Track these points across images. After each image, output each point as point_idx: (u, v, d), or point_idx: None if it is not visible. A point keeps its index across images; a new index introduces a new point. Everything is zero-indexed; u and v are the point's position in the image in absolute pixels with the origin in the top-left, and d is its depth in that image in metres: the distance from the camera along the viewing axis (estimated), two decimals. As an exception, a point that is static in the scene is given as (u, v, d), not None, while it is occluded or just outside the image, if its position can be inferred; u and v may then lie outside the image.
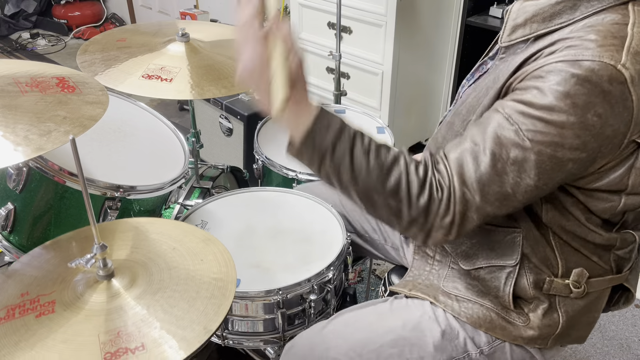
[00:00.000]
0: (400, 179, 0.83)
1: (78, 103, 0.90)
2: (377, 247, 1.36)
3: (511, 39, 0.89)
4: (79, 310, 0.85)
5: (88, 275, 0.90)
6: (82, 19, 4.59)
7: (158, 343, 0.80)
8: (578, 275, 0.95)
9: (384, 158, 0.84)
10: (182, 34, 1.45)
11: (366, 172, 0.83)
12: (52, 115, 0.86)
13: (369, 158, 0.84)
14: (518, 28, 0.87)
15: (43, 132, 0.82)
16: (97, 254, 0.87)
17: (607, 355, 1.81)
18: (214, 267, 0.95)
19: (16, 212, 1.22)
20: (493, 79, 0.90)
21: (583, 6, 0.82)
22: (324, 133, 0.83)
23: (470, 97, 0.94)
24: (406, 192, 0.83)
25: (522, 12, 0.87)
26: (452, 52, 2.61)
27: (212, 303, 0.87)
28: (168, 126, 1.52)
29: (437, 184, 0.83)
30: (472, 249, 1.00)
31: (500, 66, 0.91)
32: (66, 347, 0.79)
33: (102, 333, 0.81)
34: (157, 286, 0.90)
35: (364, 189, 0.85)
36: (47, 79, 0.98)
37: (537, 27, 0.85)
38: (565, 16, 0.83)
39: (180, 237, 1.02)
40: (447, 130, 0.98)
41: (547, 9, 0.84)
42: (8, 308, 0.86)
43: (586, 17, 0.81)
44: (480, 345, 1.02)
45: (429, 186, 0.83)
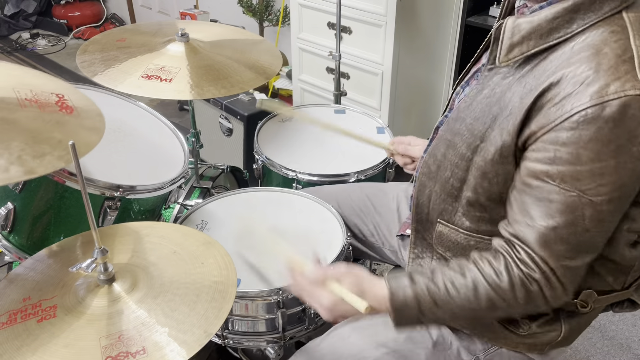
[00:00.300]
0: (489, 297, 0.87)
1: (75, 127, 0.90)
2: (375, 250, 1.36)
3: (508, 58, 0.88)
4: (81, 314, 0.85)
5: (89, 280, 0.90)
6: (82, 19, 4.60)
7: (159, 347, 0.80)
8: (587, 296, 0.96)
9: (465, 289, 0.88)
10: (181, 34, 1.45)
11: (459, 309, 0.89)
12: (48, 136, 0.85)
13: (453, 299, 0.88)
14: (515, 46, 0.87)
15: (37, 154, 0.81)
16: (97, 258, 0.87)
17: (607, 355, 1.81)
18: (215, 270, 0.95)
19: (16, 211, 1.22)
20: (497, 101, 0.89)
21: (579, 19, 0.82)
22: (407, 310, 0.89)
23: (469, 117, 0.93)
24: (502, 302, 0.87)
25: (517, 30, 0.86)
26: (452, 52, 2.61)
27: (212, 306, 0.87)
28: (168, 126, 1.52)
29: (527, 279, 0.86)
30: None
31: (501, 86, 0.90)
32: (68, 351, 0.80)
33: (104, 337, 0.81)
34: (158, 290, 0.90)
35: (469, 317, 0.93)
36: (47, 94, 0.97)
37: (535, 44, 0.85)
38: (562, 30, 0.83)
39: (180, 241, 1.02)
40: (446, 148, 0.97)
41: (544, 25, 0.84)
42: (10, 313, 0.86)
43: (584, 30, 0.82)
44: (475, 352, 1.02)
45: (520, 285, 0.86)
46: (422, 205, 1.05)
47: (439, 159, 0.99)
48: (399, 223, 1.31)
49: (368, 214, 1.34)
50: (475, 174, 0.93)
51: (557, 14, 0.83)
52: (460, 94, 1.05)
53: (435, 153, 1.00)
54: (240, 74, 1.41)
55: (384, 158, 1.60)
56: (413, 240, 1.10)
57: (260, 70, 1.45)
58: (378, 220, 1.33)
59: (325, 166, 1.57)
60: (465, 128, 0.94)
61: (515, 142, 0.86)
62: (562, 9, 0.82)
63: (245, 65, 1.45)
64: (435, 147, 1.00)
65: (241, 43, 1.57)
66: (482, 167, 0.91)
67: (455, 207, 0.99)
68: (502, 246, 0.89)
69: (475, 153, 0.92)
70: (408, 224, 1.25)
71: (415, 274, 0.91)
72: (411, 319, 0.90)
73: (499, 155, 0.88)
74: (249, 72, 1.43)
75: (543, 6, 0.85)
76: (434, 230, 1.04)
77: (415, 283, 0.89)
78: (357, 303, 0.88)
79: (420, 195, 1.05)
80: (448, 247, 1.03)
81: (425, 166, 1.03)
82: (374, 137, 1.44)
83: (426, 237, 1.08)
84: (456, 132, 0.95)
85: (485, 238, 0.98)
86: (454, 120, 0.96)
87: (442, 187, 1.00)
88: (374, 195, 1.36)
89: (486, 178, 0.91)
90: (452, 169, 0.96)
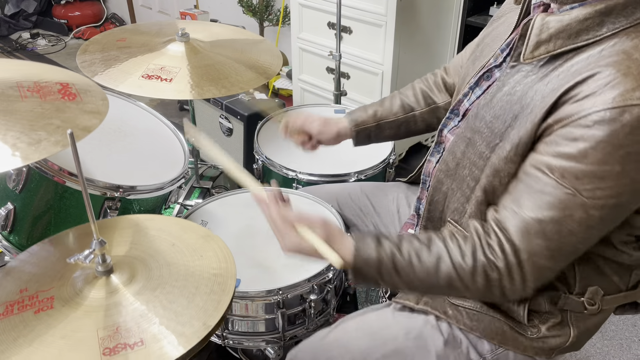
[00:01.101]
0: (449, 275, 0.88)
1: (75, 112, 0.90)
2: None
3: (534, 55, 0.86)
4: (78, 306, 0.85)
5: (87, 271, 0.90)
6: (82, 19, 4.59)
7: (157, 339, 0.80)
8: (593, 294, 0.95)
9: (428, 262, 0.89)
10: (182, 34, 1.45)
11: (419, 281, 0.90)
12: (46, 123, 0.85)
13: (414, 269, 0.89)
14: (542, 44, 0.85)
15: (33, 140, 0.81)
16: (96, 249, 0.87)
17: (607, 355, 1.81)
18: (214, 262, 0.95)
19: (16, 212, 1.22)
20: (518, 100, 0.88)
21: (610, 22, 0.81)
22: (367, 268, 0.91)
23: (489, 115, 0.92)
24: (460, 284, 0.88)
25: (545, 28, 0.84)
26: (452, 52, 2.61)
27: (211, 299, 0.87)
28: (168, 126, 1.52)
29: (490, 266, 0.85)
30: None
31: (522, 84, 0.89)
32: (65, 342, 0.79)
33: (101, 329, 0.81)
34: (156, 282, 0.90)
35: (424, 290, 0.96)
36: (51, 84, 0.97)
37: (562, 44, 0.84)
38: (592, 32, 0.82)
39: (179, 234, 1.02)
40: (466, 146, 0.97)
41: (574, 25, 0.82)
42: (7, 304, 0.86)
43: (613, 35, 0.80)
44: (483, 353, 1.02)
45: (481, 270, 0.86)
46: (436, 203, 1.05)
47: (459, 157, 0.99)
48: (398, 224, 1.30)
49: (367, 214, 1.34)
50: (487, 172, 0.92)
51: (588, 15, 0.81)
52: (470, 95, 1.04)
53: (455, 151, 0.99)
54: (241, 74, 1.41)
55: (384, 158, 1.60)
56: None
57: (260, 70, 1.45)
58: (377, 221, 1.33)
59: (325, 166, 1.57)
60: (484, 126, 0.93)
61: (532, 141, 0.86)
62: (593, 11, 0.81)
63: (245, 65, 1.45)
64: (455, 145, 1.00)
65: (241, 43, 1.57)
66: (496, 165, 0.90)
67: (465, 208, 0.98)
68: (477, 230, 0.89)
69: (493, 152, 0.91)
70: (409, 224, 1.25)
71: (383, 237, 0.92)
72: (368, 279, 0.92)
73: (514, 154, 0.87)
74: (249, 72, 1.43)
75: (575, 6, 0.84)
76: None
77: (381, 246, 0.90)
78: (332, 257, 0.89)
79: (436, 192, 1.04)
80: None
81: (444, 163, 1.02)
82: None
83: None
84: (476, 130, 0.95)
85: None
86: (474, 118, 0.96)
87: (458, 186, 0.99)
88: (374, 195, 1.36)
89: (497, 177, 0.91)
90: (470, 168, 0.96)
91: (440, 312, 1.03)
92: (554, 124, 0.81)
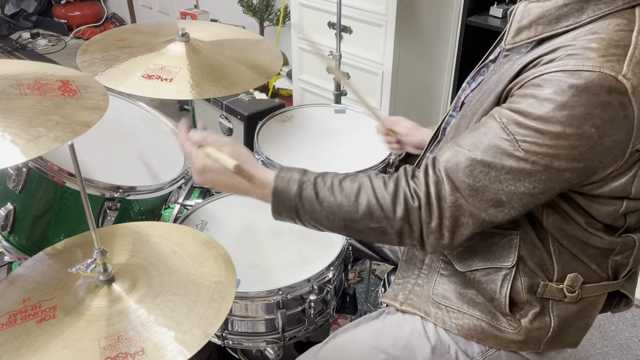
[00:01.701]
0: (369, 202, 0.86)
1: (75, 108, 0.89)
2: (375, 250, 1.35)
3: (515, 41, 0.87)
4: (80, 315, 0.85)
5: (89, 280, 0.90)
6: (82, 18, 4.60)
7: (158, 347, 0.80)
8: (572, 280, 0.94)
9: (349, 189, 0.88)
10: (182, 33, 1.44)
11: (338, 207, 0.88)
12: (45, 120, 0.84)
13: (335, 194, 0.88)
14: (523, 30, 0.86)
15: (32, 137, 0.80)
16: (97, 259, 0.87)
17: (607, 355, 1.81)
18: (214, 270, 0.95)
19: (16, 212, 1.22)
20: (495, 80, 0.89)
21: (590, 9, 0.80)
22: (287, 189, 0.90)
23: (475, 99, 0.94)
24: (379, 210, 0.86)
25: (526, 14, 0.85)
26: (452, 52, 2.61)
27: (211, 307, 0.87)
28: (168, 126, 1.52)
29: (411, 194, 0.85)
30: (469, 250, 0.99)
31: (504, 65, 0.90)
32: (67, 352, 0.79)
33: (103, 338, 0.81)
34: (157, 290, 0.90)
35: (343, 223, 0.89)
36: (51, 81, 0.97)
37: (542, 30, 0.84)
38: (571, 19, 0.82)
39: (180, 241, 1.02)
40: (455, 131, 0.97)
41: (553, 12, 0.83)
42: (10, 314, 0.86)
43: (592, 21, 0.80)
44: (473, 356, 1.01)
45: (402, 198, 0.85)
46: None
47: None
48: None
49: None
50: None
51: (567, 1, 0.81)
52: (467, 90, 1.04)
53: (447, 140, 0.99)
54: (241, 74, 1.41)
55: (384, 158, 1.60)
56: None
57: (260, 70, 1.45)
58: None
59: (325, 166, 1.56)
60: (469, 110, 0.93)
61: (494, 105, 0.86)
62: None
63: (245, 65, 1.45)
64: (448, 134, 1.00)
65: (241, 43, 1.57)
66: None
67: None
68: (405, 167, 0.89)
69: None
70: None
71: (308, 170, 0.92)
72: (289, 207, 0.90)
73: (476, 121, 0.88)
74: (249, 72, 1.43)
75: None
76: None
77: (305, 174, 0.91)
78: (226, 161, 0.87)
79: None
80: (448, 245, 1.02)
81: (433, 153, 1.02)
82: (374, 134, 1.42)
83: None
84: (464, 115, 0.95)
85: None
86: (465, 106, 0.96)
87: None
88: None
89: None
90: None
91: (423, 312, 1.03)
92: (513, 87, 0.82)
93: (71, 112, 0.88)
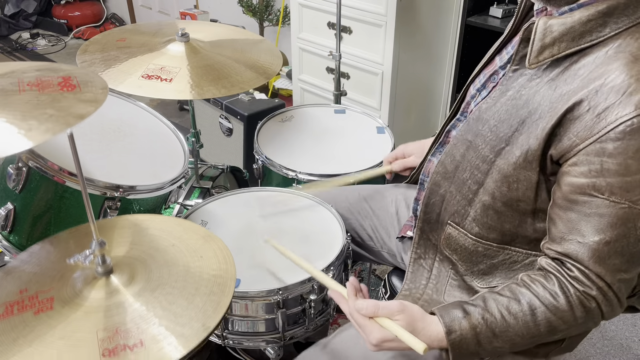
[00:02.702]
0: (549, 320, 0.86)
1: (72, 101, 0.88)
2: (374, 253, 1.35)
3: (539, 60, 0.86)
4: (78, 306, 0.85)
5: (87, 272, 0.90)
6: (82, 19, 4.60)
7: (156, 340, 0.79)
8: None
9: (522, 314, 0.86)
10: (182, 34, 1.45)
11: (518, 336, 0.87)
12: (40, 113, 0.84)
13: (510, 326, 0.86)
14: (546, 48, 0.85)
15: (23, 129, 0.80)
16: (95, 250, 0.87)
17: (607, 355, 1.81)
18: (214, 263, 0.95)
19: (16, 212, 1.22)
20: (524, 104, 0.88)
21: (612, 22, 0.81)
22: (464, 344, 0.87)
23: (493, 119, 0.92)
24: (562, 324, 0.86)
25: (549, 32, 0.84)
26: (452, 52, 2.61)
27: (211, 300, 0.87)
28: (168, 126, 1.52)
29: (585, 298, 0.85)
30: (491, 268, 1.00)
31: (530, 85, 0.89)
32: (64, 343, 0.79)
33: (101, 330, 0.81)
34: (156, 283, 0.89)
35: (527, 344, 0.89)
36: (53, 78, 0.97)
37: (567, 46, 0.84)
38: (595, 34, 0.82)
39: (179, 234, 1.02)
40: (466, 149, 0.96)
41: (577, 28, 0.82)
42: (7, 305, 0.86)
43: (616, 35, 0.81)
44: None
45: (579, 305, 0.85)
46: (433, 205, 1.04)
47: (458, 160, 0.98)
48: (397, 226, 1.30)
49: (366, 217, 1.34)
50: (495, 177, 0.92)
51: (591, 17, 0.82)
52: (477, 98, 1.03)
53: (454, 153, 0.99)
54: (241, 74, 1.41)
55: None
56: (417, 240, 1.10)
57: (260, 70, 1.45)
58: (376, 224, 1.33)
59: (325, 166, 1.57)
60: (488, 130, 0.93)
61: (542, 149, 0.86)
62: (596, 12, 0.81)
63: (245, 65, 1.45)
64: (454, 147, 0.99)
65: (241, 43, 1.57)
66: (504, 171, 0.90)
67: (467, 211, 0.98)
68: (552, 266, 0.87)
69: (498, 156, 0.91)
70: (408, 225, 1.25)
71: (466, 305, 0.89)
72: (469, 353, 0.88)
73: (523, 160, 0.88)
74: (249, 72, 1.43)
75: (573, 8, 0.84)
76: (443, 232, 1.04)
77: (469, 314, 0.87)
78: (414, 343, 0.84)
79: (432, 194, 1.04)
80: (455, 250, 1.03)
81: (442, 166, 1.02)
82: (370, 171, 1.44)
83: (431, 237, 1.07)
84: (478, 134, 0.94)
85: (494, 245, 0.98)
86: (476, 121, 0.95)
87: (457, 189, 0.99)
88: (372, 198, 1.35)
89: (506, 182, 0.91)
90: (471, 171, 0.96)
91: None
92: (580, 143, 0.81)
93: (66, 105, 0.87)
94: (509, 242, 0.97)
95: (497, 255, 0.99)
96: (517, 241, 0.97)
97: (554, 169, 0.88)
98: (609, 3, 0.81)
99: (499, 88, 0.94)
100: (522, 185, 0.90)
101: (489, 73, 1.02)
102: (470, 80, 1.09)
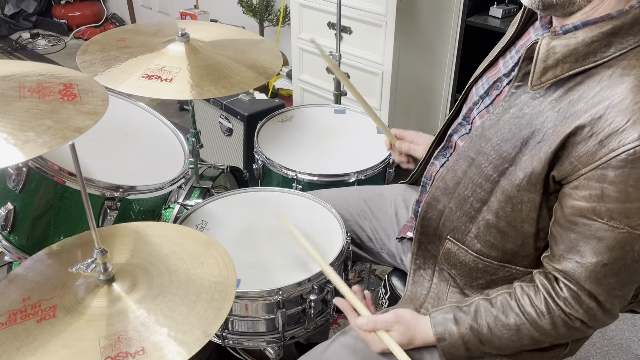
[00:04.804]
0: (533, 337, 0.92)
1: (71, 112, 0.88)
2: (374, 254, 1.35)
3: (541, 81, 0.85)
4: (80, 315, 0.85)
5: (89, 280, 0.90)
6: (82, 19, 4.60)
7: (158, 347, 0.80)
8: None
9: (508, 330, 0.92)
10: (182, 34, 1.45)
11: (505, 346, 0.94)
12: (37, 124, 0.84)
13: (497, 337, 0.93)
14: (549, 69, 0.84)
15: (19, 141, 0.80)
16: (97, 258, 0.87)
17: (607, 355, 1.81)
18: (214, 270, 0.95)
19: (16, 212, 1.22)
20: (527, 124, 0.88)
21: (617, 42, 0.80)
22: (453, 350, 0.96)
23: (496, 137, 0.92)
24: (546, 338, 0.92)
25: (552, 53, 0.83)
26: (452, 52, 2.61)
27: (212, 307, 0.87)
28: (168, 126, 1.52)
29: (569, 319, 0.89)
30: (490, 283, 1.01)
31: (530, 106, 0.88)
32: (67, 351, 0.79)
33: (103, 337, 0.81)
34: (157, 290, 0.90)
35: (513, 351, 0.97)
36: (54, 84, 0.96)
37: (570, 67, 0.83)
38: (599, 54, 0.81)
39: (180, 241, 1.02)
40: (469, 166, 0.96)
41: (581, 49, 0.82)
42: (10, 313, 0.86)
43: (621, 55, 0.80)
44: None
45: (562, 326, 0.90)
46: (430, 219, 1.04)
47: (459, 176, 0.98)
48: (397, 227, 1.30)
49: (365, 219, 1.33)
50: (499, 197, 0.92)
51: (595, 38, 0.81)
52: (480, 105, 1.02)
53: (456, 169, 0.99)
54: (241, 74, 1.41)
55: (384, 158, 1.60)
56: (415, 251, 1.10)
57: (260, 70, 1.45)
58: (375, 225, 1.32)
59: (325, 166, 1.57)
60: (491, 148, 0.92)
61: (546, 172, 0.86)
62: (600, 33, 0.80)
63: (245, 65, 1.45)
64: (456, 163, 0.99)
65: (241, 43, 1.57)
66: (508, 191, 0.91)
67: (468, 228, 0.98)
68: (544, 284, 0.90)
69: (502, 176, 0.91)
70: (408, 226, 1.24)
71: (458, 312, 0.96)
72: (460, 357, 0.97)
73: (527, 182, 0.88)
74: (249, 72, 1.43)
75: (578, 27, 0.83)
76: (442, 247, 1.04)
77: (458, 324, 0.95)
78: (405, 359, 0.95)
79: (430, 209, 1.04)
80: (454, 265, 1.03)
81: (442, 181, 1.01)
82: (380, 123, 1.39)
83: (430, 249, 1.07)
84: (480, 151, 0.94)
85: (495, 263, 0.98)
86: (479, 138, 0.95)
87: (458, 205, 0.99)
88: (371, 199, 1.35)
89: (510, 203, 0.91)
90: (473, 189, 0.96)
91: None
92: (582, 168, 0.82)
93: (66, 116, 0.87)
94: (509, 260, 0.98)
95: (498, 272, 0.99)
96: (518, 260, 0.97)
97: (555, 188, 0.88)
98: (614, 23, 0.80)
99: (501, 104, 0.93)
100: (525, 207, 0.90)
101: (493, 79, 1.01)
102: (472, 81, 1.08)
